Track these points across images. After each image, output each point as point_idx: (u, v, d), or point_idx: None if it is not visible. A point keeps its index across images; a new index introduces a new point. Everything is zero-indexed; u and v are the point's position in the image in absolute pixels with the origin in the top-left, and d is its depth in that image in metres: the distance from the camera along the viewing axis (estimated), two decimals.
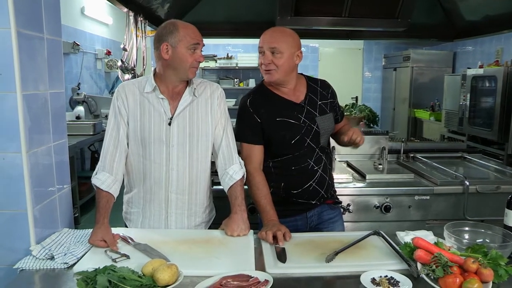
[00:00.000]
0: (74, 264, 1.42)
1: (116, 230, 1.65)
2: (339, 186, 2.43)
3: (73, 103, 5.44)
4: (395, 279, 1.31)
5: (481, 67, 5.26)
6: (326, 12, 3.16)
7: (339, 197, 2.12)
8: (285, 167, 1.93)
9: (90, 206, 4.65)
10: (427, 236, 1.60)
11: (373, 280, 1.30)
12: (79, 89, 5.52)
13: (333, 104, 2.01)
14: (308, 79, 2.01)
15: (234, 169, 1.81)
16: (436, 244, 1.44)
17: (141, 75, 3.46)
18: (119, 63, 3.53)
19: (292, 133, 1.89)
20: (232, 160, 1.83)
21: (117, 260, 1.43)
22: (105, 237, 1.55)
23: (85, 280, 1.25)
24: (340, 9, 3.12)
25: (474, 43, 6.12)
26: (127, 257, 1.46)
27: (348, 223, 2.36)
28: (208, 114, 1.80)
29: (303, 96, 1.94)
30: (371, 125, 3.93)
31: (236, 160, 1.84)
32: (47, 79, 1.60)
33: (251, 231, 1.72)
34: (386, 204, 2.49)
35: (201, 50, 1.74)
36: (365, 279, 1.31)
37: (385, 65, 7.91)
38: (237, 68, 7.87)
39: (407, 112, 6.81)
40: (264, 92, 1.95)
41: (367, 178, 2.66)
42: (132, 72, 3.47)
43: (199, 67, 1.94)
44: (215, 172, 1.89)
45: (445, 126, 5.76)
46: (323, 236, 1.76)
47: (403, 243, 1.52)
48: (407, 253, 1.44)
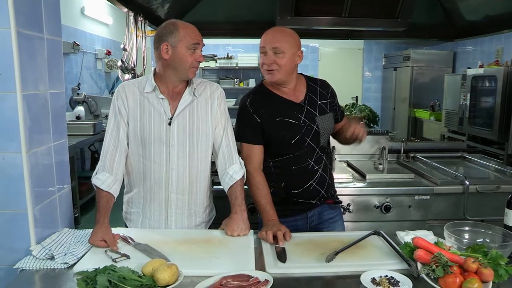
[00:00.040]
0: (74, 264, 1.42)
1: (116, 230, 1.65)
2: (339, 186, 2.43)
3: (73, 103, 5.45)
4: (395, 279, 1.31)
5: (481, 67, 5.26)
6: (326, 12, 3.15)
7: (339, 197, 2.12)
8: (285, 167, 1.93)
9: (90, 206, 4.65)
10: (427, 236, 1.60)
11: (373, 280, 1.30)
12: (79, 89, 5.52)
13: (333, 104, 2.01)
14: (308, 79, 2.01)
15: (234, 169, 1.81)
16: (436, 244, 1.44)
17: (141, 75, 3.46)
18: (119, 63, 3.52)
19: (292, 133, 1.89)
20: (232, 160, 1.83)
21: (117, 260, 1.43)
22: (105, 237, 1.55)
23: (85, 280, 1.25)
24: (340, 9, 3.12)
25: (474, 43, 6.12)
26: (127, 257, 1.46)
27: (348, 223, 2.36)
28: (208, 114, 1.80)
29: (303, 96, 1.94)
30: (371, 125, 3.93)
31: (236, 160, 1.84)
32: (47, 79, 1.60)
33: (251, 231, 1.72)
34: (386, 204, 2.49)
35: (201, 50, 1.74)
36: (365, 279, 1.31)
37: (385, 65, 7.91)
38: (237, 68, 7.88)
39: (407, 112, 6.82)
40: (264, 92, 1.95)
41: (367, 178, 2.66)
42: (132, 72, 3.47)
43: (199, 67, 1.94)
44: (215, 172, 1.89)
45: (445, 126, 5.76)
46: (323, 236, 1.76)
47: (403, 243, 1.52)
48: (407, 253, 1.44)
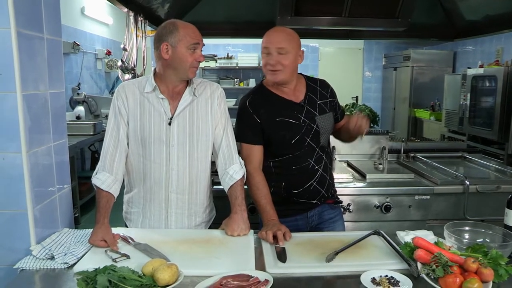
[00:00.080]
0: (74, 264, 1.42)
1: (116, 230, 1.65)
2: (339, 186, 2.43)
3: (73, 103, 5.45)
4: (395, 278, 1.31)
5: (481, 66, 5.26)
6: (326, 12, 3.15)
7: (339, 197, 2.12)
8: (285, 167, 1.93)
9: (90, 206, 4.65)
10: (427, 235, 1.60)
11: (373, 280, 1.30)
12: (79, 89, 5.52)
13: (332, 103, 2.01)
14: (307, 78, 2.01)
15: (234, 169, 1.81)
16: (436, 243, 1.44)
17: (141, 75, 3.46)
18: (119, 63, 3.52)
19: (292, 133, 1.89)
20: (232, 160, 1.83)
21: (117, 260, 1.43)
22: (105, 237, 1.55)
23: (85, 280, 1.25)
24: (340, 9, 3.12)
25: (474, 42, 6.12)
26: (127, 257, 1.46)
27: (348, 223, 2.36)
28: (208, 114, 1.80)
29: (302, 95, 1.94)
30: (371, 125, 3.93)
31: (236, 160, 1.84)
32: (47, 79, 1.60)
33: (251, 231, 1.72)
34: (386, 203, 2.49)
35: (201, 49, 1.74)
36: (365, 278, 1.31)
37: (385, 64, 7.91)
38: (237, 68, 7.88)
39: (407, 112, 6.81)
40: (264, 92, 1.95)
41: (367, 177, 2.66)
42: (132, 72, 3.47)
43: (199, 67, 1.94)
44: (215, 172, 1.88)
45: (445, 125, 5.76)
46: (323, 235, 1.76)
47: (403, 242, 1.52)
48: (407, 253, 1.44)
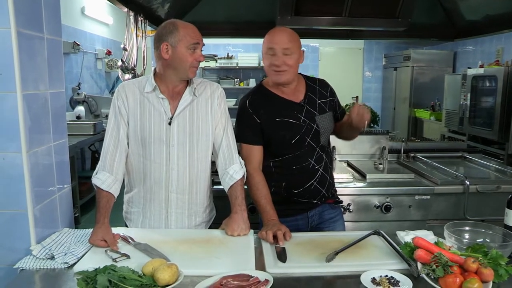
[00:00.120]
0: (75, 263, 1.42)
1: (116, 230, 1.65)
2: (340, 185, 2.43)
3: (73, 103, 5.45)
4: (395, 278, 1.31)
5: (481, 66, 5.26)
6: (326, 11, 3.15)
7: (340, 197, 2.12)
8: (286, 167, 1.93)
9: (90, 206, 4.65)
10: (427, 235, 1.60)
11: (373, 280, 1.30)
12: (79, 89, 5.52)
13: (332, 103, 2.01)
14: (307, 78, 2.01)
15: (235, 168, 1.81)
16: (436, 243, 1.44)
17: (141, 75, 3.46)
18: (120, 63, 3.52)
19: (292, 133, 1.89)
20: (232, 159, 1.83)
21: (117, 259, 1.43)
22: (105, 236, 1.55)
23: (85, 279, 1.25)
24: (340, 8, 3.12)
25: (474, 42, 6.12)
26: (128, 256, 1.46)
27: (348, 223, 2.36)
28: (208, 113, 1.80)
29: (302, 95, 1.94)
30: (372, 125, 3.93)
31: (236, 160, 1.84)
32: (47, 79, 1.60)
33: (252, 230, 1.72)
34: (387, 203, 2.49)
35: (201, 49, 1.74)
36: (365, 278, 1.31)
37: (385, 64, 7.91)
38: (237, 68, 7.88)
39: (407, 112, 6.82)
40: (264, 92, 1.95)
41: (367, 177, 2.66)
42: (133, 72, 3.47)
43: (199, 67, 1.94)
44: (215, 172, 1.88)
45: (445, 125, 5.76)
46: (323, 235, 1.76)
47: (403, 242, 1.52)
48: (407, 253, 1.44)
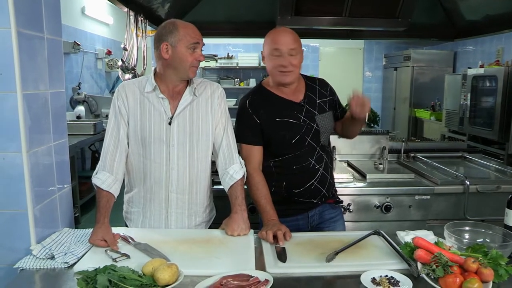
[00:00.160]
0: (75, 263, 1.42)
1: (116, 230, 1.65)
2: (340, 185, 2.43)
3: (73, 103, 5.45)
4: (395, 278, 1.31)
5: (481, 66, 5.26)
6: (326, 11, 3.15)
7: (340, 197, 2.12)
8: (286, 167, 1.93)
9: (90, 205, 4.65)
10: (427, 235, 1.60)
11: (373, 280, 1.30)
12: (79, 88, 5.52)
13: (332, 102, 2.01)
14: (306, 78, 2.01)
15: (235, 168, 1.81)
16: (436, 243, 1.44)
17: (142, 75, 3.46)
18: (120, 63, 3.52)
19: (292, 133, 1.89)
20: (232, 159, 1.83)
21: (117, 259, 1.43)
22: (105, 236, 1.55)
23: (86, 279, 1.25)
24: (340, 8, 3.12)
25: (474, 42, 6.12)
26: (128, 256, 1.46)
27: (348, 223, 2.36)
28: (208, 113, 1.80)
29: (302, 95, 1.94)
30: (372, 125, 3.92)
31: (236, 160, 1.84)
32: (47, 79, 1.60)
33: (252, 230, 1.72)
34: (387, 203, 2.49)
35: (201, 49, 1.74)
36: (365, 278, 1.31)
37: (385, 64, 7.91)
38: (237, 67, 7.88)
39: (407, 112, 6.82)
40: (263, 92, 1.95)
41: (367, 177, 2.66)
42: (133, 71, 3.47)
43: (200, 67, 1.94)
44: (216, 172, 1.88)
45: (445, 125, 5.76)
46: (323, 235, 1.76)
47: (403, 242, 1.52)
48: (407, 253, 1.44)
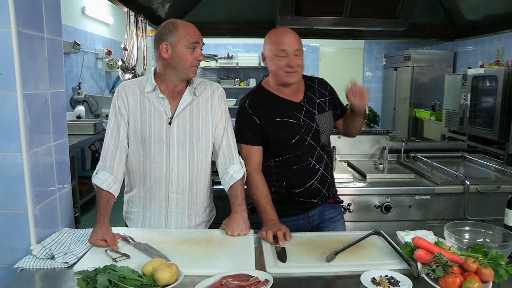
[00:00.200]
0: (75, 263, 1.42)
1: (116, 230, 1.65)
2: (340, 185, 2.43)
3: (73, 103, 5.45)
4: (395, 278, 1.31)
5: (481, 66, 5.26)
6: (326, 11, 3.15)
7: (340, 197, 2.12)
8: (286, 166, 1.93)
9: (90, 205, 4.65)
10: (427, 235, 1.60)
11: (373, 280, 1.30)
12: (79, 88, 5.52)
13: (332, 101, 2.01)
14: (306, 78, 2.01)
15: (235, 168, 1.81)
16: (436, 243, 1.44)
17: (142, 75, 3.46)
18: (120, 63, 3.52)
19: (292, 133, 1.89)
20: (232, 159, 1.83)
21: (117, 259, 1.43)
22: (105, 236, 1.55)
23: (86, 279, 1.25)
24: (340, 8, 3.12)
25: (474, 42, 6.12)
26: (128, 256, 1.46)
27: (348, 223, 2.36)
28: (208, 113, 1.80)
29: (301, 95, 1.94)
30: (372, 125, 3.93)
31: (236, 160, 1.84)
32: (47, 79, 1.60)
33: (252, 230, 1.72)
34: (387, 203, 2.49)
35: (201, 49, 1.74)
36: (365, 278, 1.31)
37: (385, 64, 7.90)
38: (237, 67, 7.89)
39: (407, 112, 6.82)
40: (263, 93, 1.95)
41: (367, 177, 2.66)
42: (133, 71, 3.47)
43: (200, 67, 1.94)
44: (216, 172, 1.88)
45: (445, 125, 5.76)
46: (323, 235, 1.76)
47: (403, 242, 1.52)
48: (407, 253, 1.44)
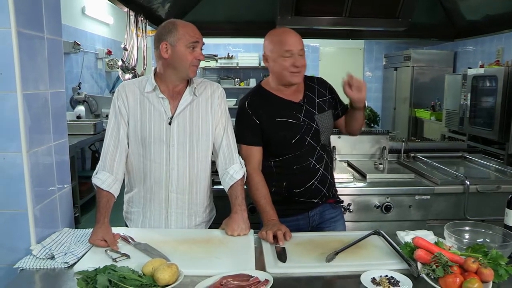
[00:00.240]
0: (75, 263, 1.42)
1: (116, 230, 1.65)
2: (340, 185, 2.43)
3: (73, 103, 5.45)
4: (395, 278, 1.31)
5: (481, 66, 5.26)
6: (326, 11, 3.15)
7: (340, 197, 2.12)
8: (286, 166, 1.93)
9: (90, 205, 4.65)
10: (427, 235, 1.60)
11: (373, 280, 1.30)
12: (79, 88, 5.53)
13: (331, 100, 2.02)
14: (305, 78, 2.01)
15: (235, 168, 1.81)
16: (436, 243, 1.44)
17: (142, 75, 3.46)
18: (120, 63, 3.52)
19: (292, 133, 1.89)
20: (232, 159, 1.83)
21: (117, 259, 1.43)
22: (105, 236, 1.55)
23: (86, 279, 1.25)
24: (340, 8, 3.12)
25: (474, 42, 6.12)
26: (128, 256, 1.46)
27: (348, 223, 2.35)
28: (208, 113, 1.80)
29: (301, 95, 1.94)
30: (372, 125, 3.92)
31: (236, 160, 1.84)
32: (47, 79, 1.60)
33: (252, 230, 1.72)
34: (387, 203, 2.49)
35: (201, 48, 1.74)
36: (365, 278, 1.31)
37: (385, 64, 7.90)
38: (237, 67, 7.89)
39: (407, 112, 6.81)
40: (263, 93, 1.95)
41: (367, 177, 2.66)
42: (133, 71, 3.47)
43: (200, 67, 1.94)
44: (216, 172, 1.88)
45: (445, 125, 5.76)
46: (323, 235, 1.76)
47: (403, 242, 1.52)
48: (407, 253, 1.44)
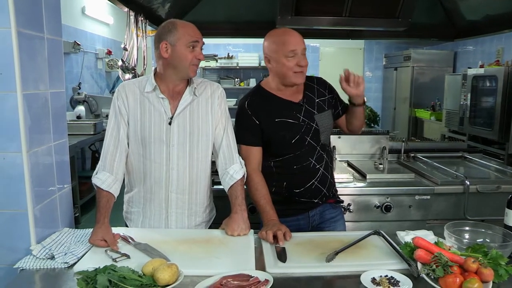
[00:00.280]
0: (75, 263, 1.42)
1: (116, 230, 1.65)
2: (340, 185, 2.43)
3: (73, 103, 5.45)
4: (395, 278, 1.31)
5: (481, 66, 5.26)
6: (326, 11, 3.15)
7: (340, 197, 2.11)
8: (286, 167, 1.93)
9: (90, 205, 4.65)
10: (427, 235, 1.60)
11: (373, 280, 1.30)
12: (79, 88, 5.53)
13: (331, 100, 2.02)
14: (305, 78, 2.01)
15: (235, 168, 1.81)
16: (436, 243, 1.44)
17: (142, 75, 3.46)
18: (120, 63, 3.52)
19: (292, 133, 1.89)
20: (232, 159, 1.83)
21: (117, 259, 1.43)
22: (105, 236, 1.55)
23: (86, 279, 1.25)
24: (340, 8, 3.12)
25: (474, 42, 6.12)
26: (128, 256, 1.46)
27: (348, 223, 2.35)
28: (208, 113, 1.80)
29: (301, 95, 1.95)
30: (372, 125, 3.93)
31: (236, 160, 1.84)
32: (47, 79, 1.60)
33: (252, 230, 1.72)
34: (387, 203, 2.49)
35: (201, 48, 1.74)
36: (365, 278, 1.31)
37: (385, 64, 7.90)
38: (237, 67, 7.89)
39: (407, 112, 6.82)
40: (262, 93, 1.95)
41: (367, 177, 2.66)
42: (133, 71, 3.47)
43: (200, 67, 1.94)
44: (216, 172, 1.88)
45: (445, 125, 5.76)
46: (323, 235, 1.76)
47: (403, 242, 1.52)
48: (407, 253, 1.44)
